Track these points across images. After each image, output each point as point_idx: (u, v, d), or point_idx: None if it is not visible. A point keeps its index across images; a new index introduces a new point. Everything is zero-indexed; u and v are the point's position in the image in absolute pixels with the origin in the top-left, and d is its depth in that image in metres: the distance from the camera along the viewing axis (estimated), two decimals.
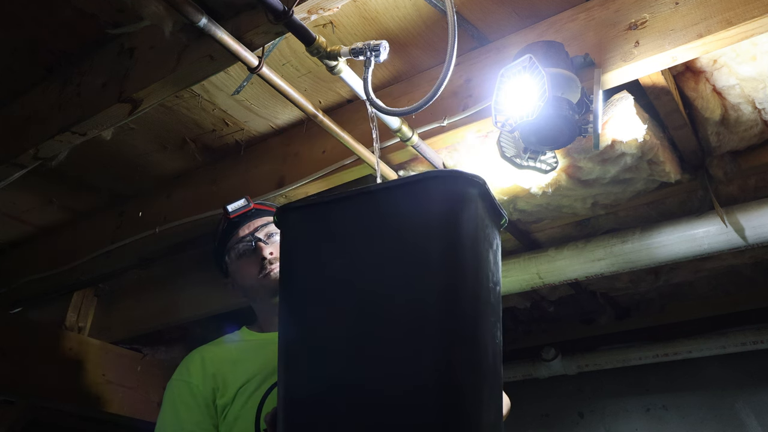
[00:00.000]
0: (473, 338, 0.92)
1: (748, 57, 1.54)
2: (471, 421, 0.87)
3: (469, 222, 0.94)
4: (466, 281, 0.92)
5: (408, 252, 0.92)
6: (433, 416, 0.85)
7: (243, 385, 1.31)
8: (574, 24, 1.55)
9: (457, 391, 0.87)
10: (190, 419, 1.29)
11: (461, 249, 0.92)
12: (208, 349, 1.44)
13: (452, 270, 0.91)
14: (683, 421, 2.89)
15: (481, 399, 0.91)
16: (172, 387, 1.36)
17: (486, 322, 0.96)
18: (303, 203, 1.05)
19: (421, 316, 0.89)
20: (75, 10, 1.47)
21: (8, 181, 1.72)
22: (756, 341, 2.67)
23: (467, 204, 0.94)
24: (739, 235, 1.90)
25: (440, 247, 0.92)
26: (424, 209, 0.94)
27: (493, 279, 1.00)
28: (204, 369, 1.36)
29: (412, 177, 0.99)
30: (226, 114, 1.92)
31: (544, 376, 3.18)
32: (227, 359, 1.39)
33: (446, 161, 1.82)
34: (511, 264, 2.31)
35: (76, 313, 2.80)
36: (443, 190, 0.94)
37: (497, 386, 1.00)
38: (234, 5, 1.29)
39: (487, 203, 1.00)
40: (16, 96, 1.73)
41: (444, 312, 0.89)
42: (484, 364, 0.94)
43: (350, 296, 0.95)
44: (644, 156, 1.72)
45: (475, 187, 0.96)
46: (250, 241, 1.49)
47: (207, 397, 1.31)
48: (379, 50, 1.16)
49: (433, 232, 0.92)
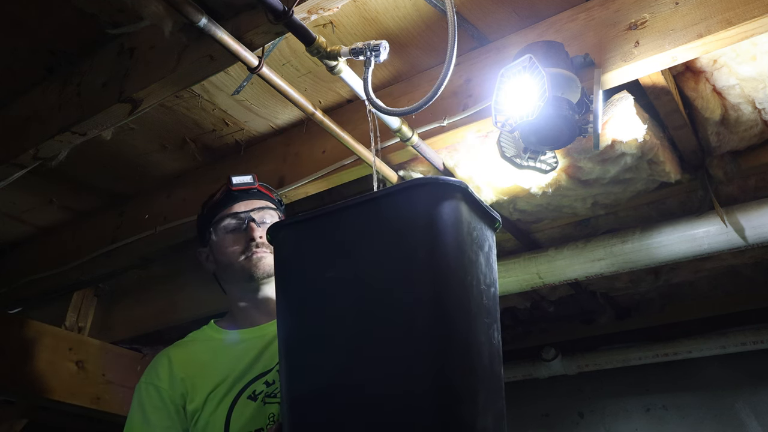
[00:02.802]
0: (464, 340, 0.92)
1: (748, 57, 1.54)
2: (466, 423, 0.87)
3: (451, 227, 0.94)
4: (451, 285, 0.92)
5: (396, 261, 0.93)
6: (429, 418, 0.85)
7: (213, 390, 1.26)
8: (574, 24, 1.55)
9: (451, 393, 0.87)
10: (160, 424, 1.25)
11: (444, 254, 0.92)
12: (175, 351, 1.38)
13: (437, 275, 0.91)
14: (683, 421, 2.89)
15: (476, 401, 0.90)
16: (140, 390, 1.31)
17: (479, 324, 0.96)
18: (294, 221, 1.07)
19: (413, 318, 0.90)
20: (75, 10, 1.46)
21: (8, 181, 1.72)
22: (756, 341, 2.67)
23: (448, 210, 0.94)
24: (739, 235, 1.90)
25: (425, 253, 0.92)
26: (409, 218, 0.95)
27: (486, 281, 1.00)
28: (172, 373, 1.31)
29: (396, 186, 1.01)
30: (226, 114, 1.92)
31: (544, 376, 3.18)
32: (195, 362, 1.33)
33: (446, 161, 1.82)
34: (511, 264, 2.31)
35: (76, 313, 2.81)
36: (426, 198, 0.94)
37: (496, 387, 0.99)
38: (234, 5, 1.29)
39: (473, 207, 1.00)
40: (16, 96, 1.73)
41: (432, 317, 0.89)
42: (478, 366, 0.93)
43: (344, 308, 0.97)
44: (644, 156, 1.72)
45: (457, 192, 0.96)
46: (244, 218, 1.42)
47: (176, 403, 1.27)
48: (379, 50, 1.16)
49: (417, 240, 0.93)
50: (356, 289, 0.96)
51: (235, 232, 1.42)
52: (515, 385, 3.25)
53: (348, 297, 0.97)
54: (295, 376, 0.99)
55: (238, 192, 1.46)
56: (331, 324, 0.97)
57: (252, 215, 1.42)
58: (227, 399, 1.25)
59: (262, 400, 1.24)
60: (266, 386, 1.26)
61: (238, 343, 1.36)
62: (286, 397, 0.99)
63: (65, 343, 2.60)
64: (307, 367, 0.99)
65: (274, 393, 1.25)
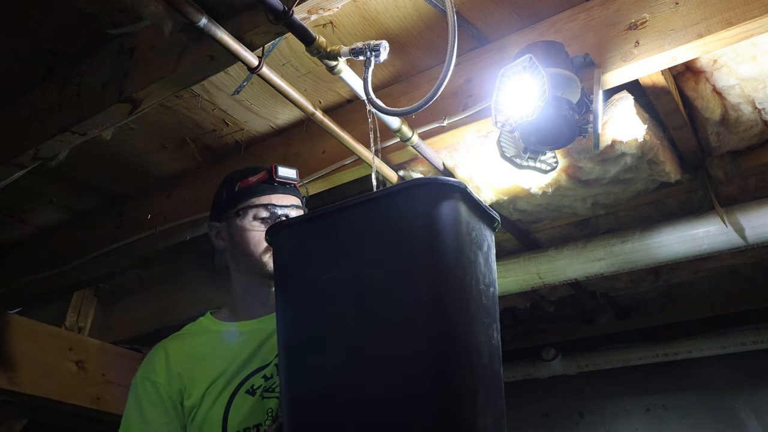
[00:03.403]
0: (463, 339, 0.92)
1: (748, 57, 1.54)
2: (466, 423, 0.87)
3: (450, 227, 0.94)
4: (451, 285, 0.92)
5: (396, 261, 0.93)
6: (429, 418, 0.85)
7: (210, 385, 1.24)
8: (574, 24, 1.55)
9: (451, 393, 0.87)
10: (157, 420, 1.22)
11: (443, 254, 0.92)
12: (172, 344, 1.33)
13: (437, 275, 0.91)
14: (683, 421, 2.89)
15: (476, 400, 0.90)
16: (137, 385, 1.27)
17: (478, 324, 0.96)
18: (294, 221, 1.07)
19: (412, 318, 0.90)
20: (75, 10, 1.46)
21: (8, 181, 1.72)
22: (756, 341, 2.67)
23: (447, 210, 0.94)
24: (739, 235, 1.90)
25: (424, 253, 0.92)
26: (408, 218, 0.94)
27: (485, 281, 1.00)
28: (169, 368, 1.27)
29: (395, 186, 1.00)
30: (226, 114, 1.92)
31: (544, 376, 3.18)
32: (193, 355, 1.30)
33: (446, 161, 1.82)
34: (511, 264, 2.31)
35: (76, 313, 2.81)
36: (425, 198, 0.94)
37: (496, 387, 0.99)
38: (234, 5, 1.29)
39: (472, 207, 1.00)
40: (16, 96, 1.73)
41: (431, 316, 0.89)
42: (477, 365, 0.93)
43: (344, 308, 0.97)
44: (644, 156, 1.72)
45: (456, 192, 0.95)
46: (279, 213, 1.34)
47: (174, 399, 1.24)
48: (379, 50, 1.16)
49: (417, 240, 0.93)
50: (356, 289, 0.96)
51: (265, 224, 1.33)
52: (515, 385, 3.25)
53: (348, 297, 0.96)
54: (295, 375, 0.99)
55: (278, 183, 1.39)
56: (331, 324, 0.97)
57: (288, 212, 1.36)
58: (225, 394, 1.24)
59: (260, 395, 1.23)
60: (264, 380, 1.25)
61: (236, 336, 1.33)
62: (286, 396, 0.99)
63: (65, 343, 2.60)
64: (307, 366, 0.99)
65: (272, 387, 1.24)
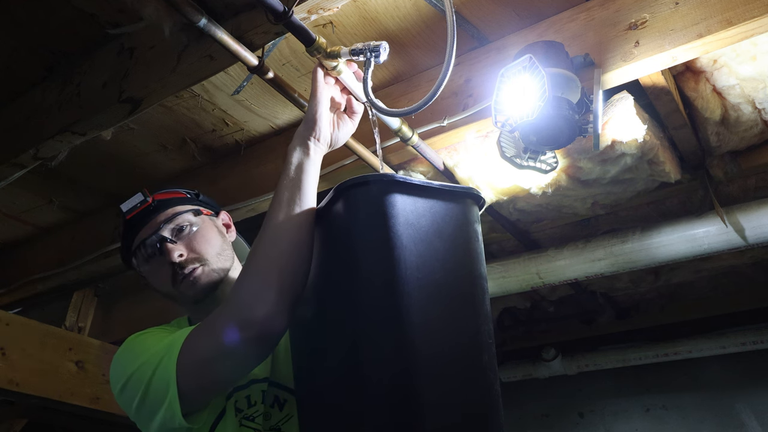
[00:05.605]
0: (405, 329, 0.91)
1: (748, 57, 1.54)
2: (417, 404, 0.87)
3: (368, 227, 0.95)
4: (374, 285, 0.92)
5: (339, 273, 0.99)
6: (381, 398, 0.87)
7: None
8: (574, 24, 1.55)
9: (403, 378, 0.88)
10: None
11: (363, 259, 0.93)
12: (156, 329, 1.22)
13: (370, 281, 0.92)
14: (683, 421, 2.89)
15: (432, 387, 0.90)
16: (134, 339, 1.15)
17: (430, 308, 0.93)
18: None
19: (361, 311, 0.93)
20: (75, 10, 1.46)
21: (8, 181, 1.73)
22: (756, 341, 2.68)
23: (365, 209, 0.96)
24: (739, 235, 1.90)
25: (352, 264, 0.95)
26: (336, 227, 1.00)
27: (446, 265, 0.97)
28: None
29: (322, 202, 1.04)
30: (226, 114, 1.92)
31: (544, 376, 3.18)
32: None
33: (446, 161, 1.82)
34: (511, 264, 2.31)
35: (76, 313, 2.80)
36: (343, 203, 0.98)
37: (470, 377, 0.96)
38: (234, 5, 1.29)
39: (414, 193, 0.97)
40: (16, 96, 1.73)
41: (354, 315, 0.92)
42: (432, 353, 0.91)
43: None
44: (644, 156, 1.72)
45: (374, 186, 0.94)
46: (154, 242, 1.22)
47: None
48: (378, 51, 1.15)
49: (343, 247, 0.98)
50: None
51: (155, 259, 1.23)
52: (515, 385, 3.25)
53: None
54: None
55: (136, 217, 1.27)
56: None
57: (161, 234, 1.22)
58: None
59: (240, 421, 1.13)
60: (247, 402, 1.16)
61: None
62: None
63: (65, 343, 2.60)
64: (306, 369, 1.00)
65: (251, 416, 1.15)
